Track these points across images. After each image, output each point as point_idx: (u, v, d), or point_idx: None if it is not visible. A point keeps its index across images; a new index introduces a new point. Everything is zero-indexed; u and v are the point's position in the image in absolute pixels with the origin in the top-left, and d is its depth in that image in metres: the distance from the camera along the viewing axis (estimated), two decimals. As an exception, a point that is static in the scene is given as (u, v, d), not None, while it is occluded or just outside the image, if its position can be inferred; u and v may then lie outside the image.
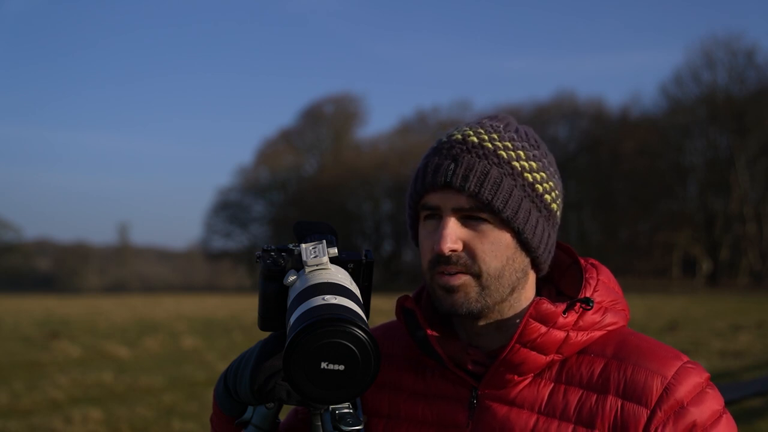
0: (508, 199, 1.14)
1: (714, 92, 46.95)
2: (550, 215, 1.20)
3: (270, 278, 1.09)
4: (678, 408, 1.10)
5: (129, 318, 23.36)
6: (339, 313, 0.92)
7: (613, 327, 1.20)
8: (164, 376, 11.42)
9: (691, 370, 1.14)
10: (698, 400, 1.11)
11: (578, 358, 1.17)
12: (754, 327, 16.38)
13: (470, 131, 1.19)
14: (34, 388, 10.28)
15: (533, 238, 1.17)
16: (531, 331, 1.12)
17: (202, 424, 8.13)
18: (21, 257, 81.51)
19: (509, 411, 1.15)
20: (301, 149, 66.43)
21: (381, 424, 1.25)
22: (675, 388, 1.11)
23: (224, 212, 66.01)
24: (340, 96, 67.24)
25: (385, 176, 58.14)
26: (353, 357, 0.90)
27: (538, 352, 1.14)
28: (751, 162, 46.44)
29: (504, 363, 1.15)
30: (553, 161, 1.24)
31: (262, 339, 1.14)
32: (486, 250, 1.15)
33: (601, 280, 1.22)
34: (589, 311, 1.16)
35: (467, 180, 1.14)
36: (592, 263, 1.26)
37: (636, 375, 1.12)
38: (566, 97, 54.71)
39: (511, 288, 1.18)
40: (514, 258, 1.17)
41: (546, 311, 1.13)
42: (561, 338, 1.14)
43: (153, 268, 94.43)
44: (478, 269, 1.15)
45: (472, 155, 1.15)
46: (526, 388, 1.16)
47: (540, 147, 1.22)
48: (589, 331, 1.17)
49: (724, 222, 47.96)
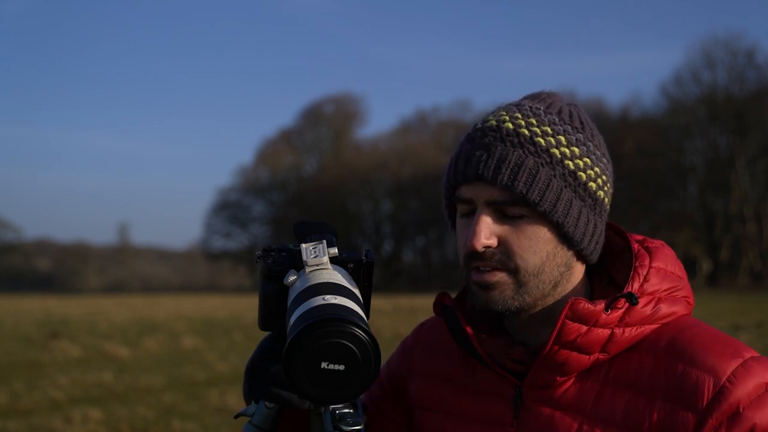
0: (546, 190, 1.05)
1: (714, 92, 46.90)
2: (595, 204, 1.10)
3: (270, 278, 1.09)
4: (732, 413, 0.98)
5: (129, 318, 23.36)
6: (339, 313, 0.92)
7: (669, 319, 1.09)
8: (164, 376, 11.42)
9: (753, 368, 1.01)
10: (759, 404, 0.99)
11: (627, 356, 1.08)
12: (754, 327, 16.35)
13: (506, 116, 1.10)
14: (34, 388, 10.27)
15: (575, 231, 1.08)
16: (569, 331, 1.05)
17: (202, 424, 8.13)
18: (21, 257, 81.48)
19: (553, 413, 1.10)
20: (301, 149, 66.42)
21: (429, 416, 1.24)
22: (730, 391, 0.99)
23: (224, 212, 66.04)
24: (340, 96, 67.33)
25: (385, 176, 58.15)
26: (353, 357, 0.90)
27: (579, 352, 1.06)
28: (751, 162, 46.41)
29: (544, 363, 1.08)
30: (601, 143, 1.14)
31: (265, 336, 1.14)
32: (523, 246, 1.07)
33: (653, 268, 1.10)
34: (636, 306, 1.06)
35: (499, 171, 1.05)
36: (647, 246, 1.15)
37: (687, 375, 1.02)
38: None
39: (554, 283, 1.10)
40: (555, 253, 1.09)
41: (583, 311, 1.04)
42: (605, 336, 1.05)
43: (153, 268, 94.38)
44: (514, 266, 1.07)
45: (506, 144, 1.07)
46: (571, 387, 1.09)
47: (585, 129, 1.12)
48: (639, 326, 1.07)
49: (724, 222, 47.94)
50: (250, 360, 1.11)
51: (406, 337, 1.39)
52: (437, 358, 1.28)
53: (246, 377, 1.11)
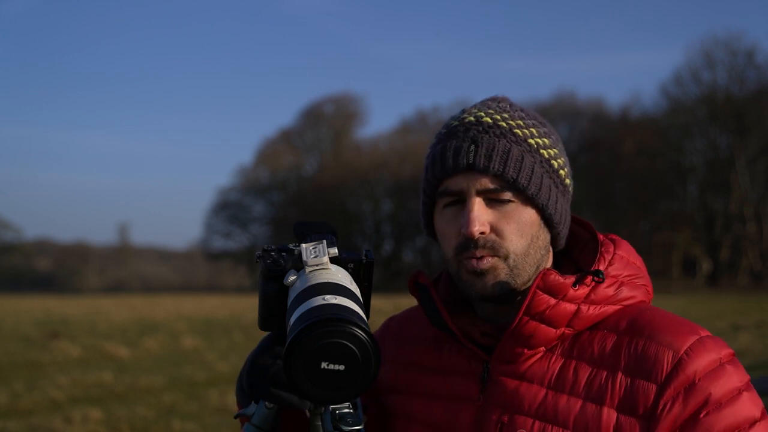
0: (531, 175, 1.13)
1: (714, 92, 46.92)
2: (565, 190, 1.20)
3: (270, 278, 1.09)
4: (689, 383, 1.06)
5: (129, 318, 23.36)
6: (339, 313, 0.92)
7: (630, 302, 1.16)
8: (164, 376, 11.42)
9: (708, 344, 1.09)
10: (713, 375, 1.06)
11: (591, 334, 1.14)
12: (754, 327, 16.36)
13: (482, 112, 1.17)
14: (34, 388, 10.28)
15: (555, 214, 1.17)
16: (539, 302, 1.10)
17: (202, 424, 8.14)
18: (21, 257, 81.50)
19: (519, 385, 1.14)
20: (301, 149, 66.42)
21: (397, 399, 1.27)
22: (687, 363, 1.06)
23: (224, 212, 66.03)
24: (340, 96, 67.33)
25: (385, 176, 58.14)
26: (353, 357, 0.90)
27: (547, 325, 1.12)
28: (751, 162, 46.41)
29: (513, 335, 1.13)
30: (559, 138, 1.23)
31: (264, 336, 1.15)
32: (513, 230, 1.13)
33: (617, 254, 1.19)
34: (602, 285, 1.14)
35: (491, 160, 1.12)
36: (612, 238, 1.23)
37: (647, 350, 1.09)
38: (566, 97, 54.60)
39: (536, 266, 1.17)
40: (539, 235, 1.16)
41: (554, 282, 1.10)
42: (571, 311, 1.12)
43: (153, 268, 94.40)
44: (505, 251, 1.13)
45: (491, 135, 1.14)
46: (537, 362, 1.15)
47: (546, 125, 1.21)
48: (602, 305, 1.14)
49: (724, 222, 47.94)
50: (251, 360, 1.11)
51: (375, 330, 1.41)
52: (405, 347, 1.32)
53: (246, 377, 1.11)
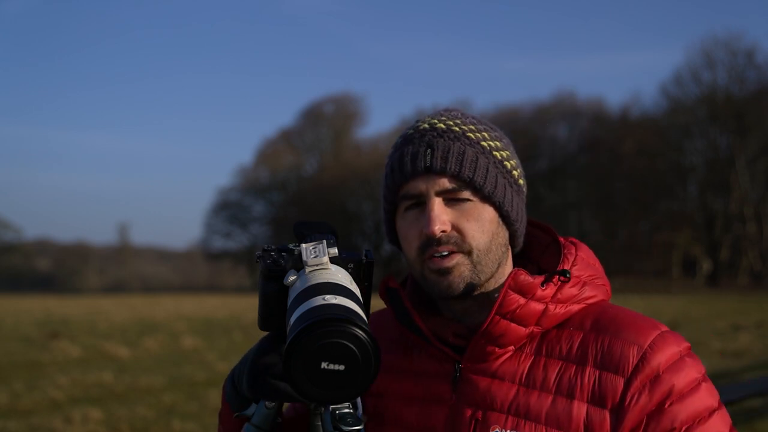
0: (486, 174, 1.18)
1: (714, 92, 46.94)
2: (519, 189, 1.25)
3: (270, 278, 1.09)
4: (654, 376, 1.11)
5: (129, 318, 23.36)
6: (339, 313, 0.92)
7: (592, 300, 1.22)
8: (164, 376, 11.42)
9: (668, 338, 1.15)
10: (675, 368, 1.12)
11: (558, 332, 1.19)
12: (754, 327, 16.38)
13: (435, 120, 1.23)
14: (34, 388, 10.28)
15: (512, 211, 1.22)
16: (510, 302, 1.15)
17: (202, 424, 8.14)
18: (21, 257, 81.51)
19: (491, 383, 1.18)
20: (301, 149, 66.42)
21: (370, 403, 1.27)
22: (651, 357, 1.12)
23: (224, 212, 66.02)
24: (340, 96, 67.31)
25: (385, 176, 58.08)
26: (353, 357, 0.90)
27: (517, 324, 1.16)
28: (751, 162, 46.43)
29: (484, 335, 1.17)
30: (510, 143, 1.28)
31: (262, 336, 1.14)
32: (473, 227, 1.18)
33: (579, 256, 1.24)
34: (567, 284, 1.19)
35: (447, 161, 1.17)
36: (572, 241, 1.29)
37: (613, 345, 1.15)
38: (566, 97, 54.64)
39: (498, 263, 1.22)
40: (498, 232, 1.21)
41: (524, 282, 1.15)
42: (540, 310, 1.17)
43: (153, 268, 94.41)
44: (468, 247, 1.17)
45: (445, 139, 1.19)
46: (507, 361, 1.19)
47: (497, 130, 1.26)
48: (568, 304, 1.19)
49: (724, 222, 47.96)
50: (252, 360, 1.11)
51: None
52: None
53: (247, 376, 1.11)
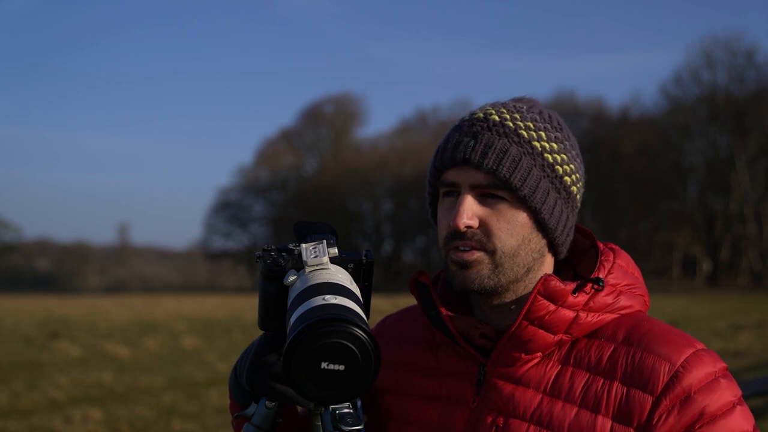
0: (527, 177, 1.13)
1: (714, 92, 46.89)
2: (569, 197, 1.19)
3: (270, 278, 1.09)
4: (685, 396, 1.07)
5: (129, 318, 23.34)
6: (339, 313, 0.92)
7: (627, 311, 1.17)
8: (164, 376, 11.42)
9: (703, 357, 1.10)
10: (708, 389, 1.07)
11: (588, 342, 1.15)
12: (754, 327, 16.36)
13: (492, 110, 1.19)
14: (34, 388, 10.27)
15: (550, 219, 1.16)
16: (539, 308, 1.11)
17: (202, 424, 8.13)
18: (21, 257, 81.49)
19: (515, 389, 1.15)
20: (301, 149, 66.41)
21: (392, 399, 1.27)
22: (683, 376, 1.07)
23: (224, 212, 66.01)
24: (340, 96, 67.28)
25: (385, 176, 58.14)
26: (353, 357, 0.90)
27: (546, 331, 1.12)
28: (751, 162, 46.39)
29: (511, 339, 1.14)
30: (575, 145, 1.22)
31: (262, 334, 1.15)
32: (501, 228, 1.14)
33: (617, 263, 1.19)
34: (601, 293, 1.14)
35: (486, 156, 1.13)
36: (611, 247, 1.24)
37: (644, 361, 1.10)
38: (566, 97, 54.58)
39: (527, 268, 1.17)
40: (531, 238, 1.16)
41: (554, 288, 1.11)
42: (570, 318, 1.12)
43: (153, 268, 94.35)
44: (492, 246, 1.14)
45: (492, 133, 1.15)
46: (533, 367, 1.15)
47: (563, 129, 1.21)
48: (600, 313, 1.15)
49: (724, 222, 47.91)
50: (251, 359, 1.11)
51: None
52: (400, 346, 1.32)
53: (247, 374, 1.11)
